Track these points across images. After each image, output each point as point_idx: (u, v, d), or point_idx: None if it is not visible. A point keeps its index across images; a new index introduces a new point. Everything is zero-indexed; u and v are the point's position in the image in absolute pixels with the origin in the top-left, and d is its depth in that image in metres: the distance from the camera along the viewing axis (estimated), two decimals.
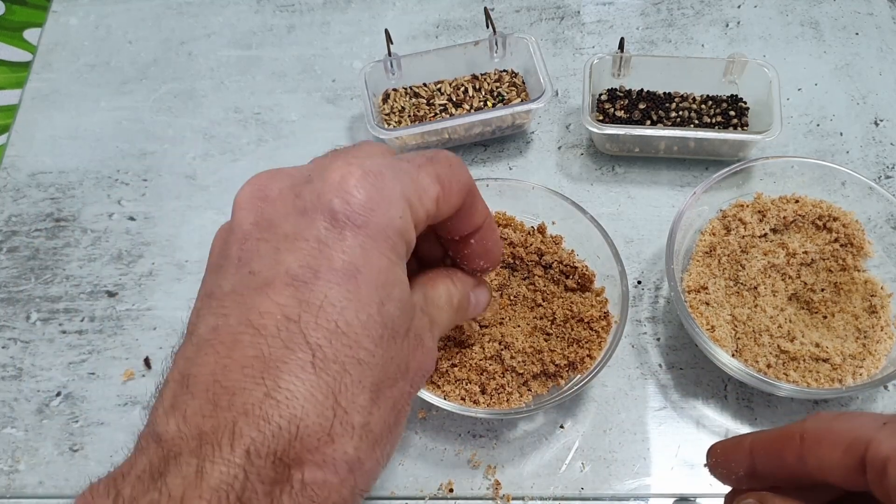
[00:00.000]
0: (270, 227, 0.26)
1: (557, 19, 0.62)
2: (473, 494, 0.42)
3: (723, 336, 0.42)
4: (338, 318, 0.24)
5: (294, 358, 0.24)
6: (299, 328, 0.24)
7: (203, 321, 0.26)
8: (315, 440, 0.23)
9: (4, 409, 0.46)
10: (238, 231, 0.27)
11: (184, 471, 0.22)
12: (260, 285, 0.25)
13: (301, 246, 0.25)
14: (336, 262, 0.25)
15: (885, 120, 0.55)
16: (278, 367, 0.23)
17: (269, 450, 0.23)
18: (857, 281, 0.44)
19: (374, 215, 0.26)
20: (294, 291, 0.25)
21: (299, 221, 0.26)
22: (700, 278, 0.44)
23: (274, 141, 0.57)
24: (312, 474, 0.23)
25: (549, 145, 0.55)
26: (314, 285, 0.25)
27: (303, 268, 0.25)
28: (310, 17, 0.63)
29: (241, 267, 0.26)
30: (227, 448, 0.22)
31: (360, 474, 0.25)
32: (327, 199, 0.26)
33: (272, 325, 0.24)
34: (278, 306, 0.24)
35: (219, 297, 0.26)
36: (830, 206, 0.46)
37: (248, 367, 0.24)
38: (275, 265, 0.25)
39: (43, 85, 0.61)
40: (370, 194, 0.26)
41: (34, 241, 0.53)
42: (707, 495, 0.41)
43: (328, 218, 0.26)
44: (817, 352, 0.41)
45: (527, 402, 0.40)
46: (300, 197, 0.27)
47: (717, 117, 0.53)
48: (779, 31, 0.60)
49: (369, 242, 0.26)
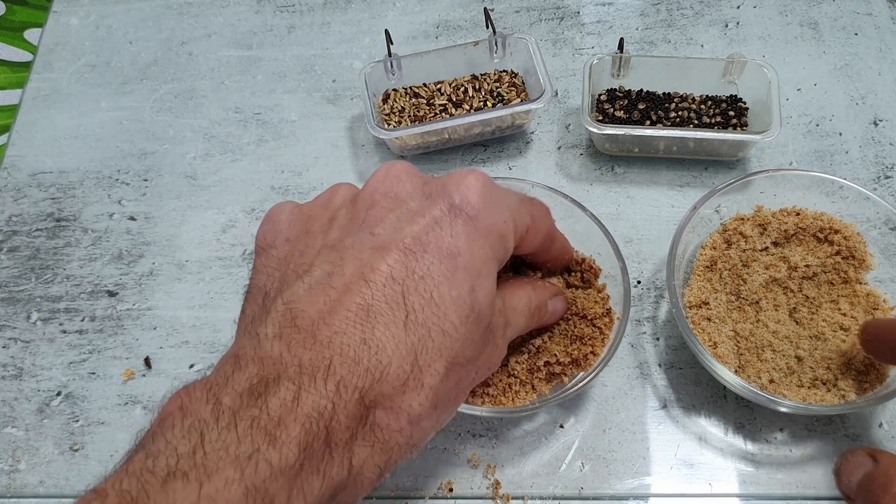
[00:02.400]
0: (398, 201, 0.30)
1: (557, 20, 0.62)
2: (473, 494, 0.42)
3: (725, 353, 0.42)
4: (434, 290, 0.28)
5: (391, 313, 0.27)
6: (402, 290, 0.28)
7: (319, 266, 0.29)
8: (391, 388, 0.26)
9: (5, 408, 0.46)
10: (368, 198, 0.31)
11: (282, 394, 0.25)
12: (378, 246, 0.29)
13: (419, 221, 0.29)
14: (444, 242, 0.29)
15: (884, 120, 0.55)
16: (376, 318, 0.27)
17: (354, 387, 0.26)
18: (859, 294, 0.44)
19: (484, 214, 0.30)
20: (404, 258, 0.28)
21: (423, 202, 0.30)
22: (701, 293, 0.44)
23: (274, 141, 0.57)
24: (380, 417, 0.26)
25: (549, 145, 0.55)
26: (422, 257, 0.28)
27: (415, 240, 0.29)
28: (310, 17, 0.64)
29: (364, 228, 0.30)
30: (321, 381, 0.25)
31: (416, 429, 0.28)
32: (450, 190, 0.30)
33: (380, 282, 0.28)
34: (389, 267, 0.28)
35: (339, 250, 0.29)
36: (832, 219, 0.45)
37: (352, 311, 0.27)
38: (394, 232, 0.29)
39: (43, 85, 0.61)
40: (485, 198, 0.30)
41: (35, 240, 0.53)
42: (707, 495, 0.41)
43: (447, 205, 0.30)
44: (820, 367, 0.41)
45: (531, 400, 0.40)
46: (427, 185, 0.31)
47: (717, 117, 0.53)
48: (778, 31, 0.60)
49: (475, 234, 0.29)
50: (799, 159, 0.54)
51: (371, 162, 0.55)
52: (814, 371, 0.42)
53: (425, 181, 0.31)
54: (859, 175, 0.52)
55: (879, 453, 0.35)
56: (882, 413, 0.43)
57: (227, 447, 0.23)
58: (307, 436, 0.24)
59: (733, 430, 0.43)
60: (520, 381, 0.40)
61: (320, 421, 0.25)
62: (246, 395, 0.25)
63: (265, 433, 0.24)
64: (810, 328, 0.43)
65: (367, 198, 0.31)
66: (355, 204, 0.31)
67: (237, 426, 0.24)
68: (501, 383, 0.40)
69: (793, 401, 0.40)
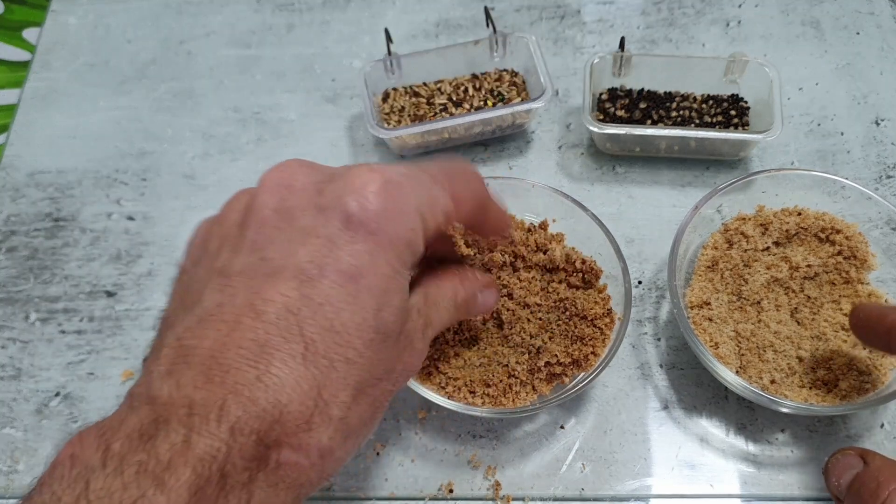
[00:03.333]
0: (289, 217, 0.28)
1: (558, 18, 0.62)
2: (473, 495, 0.42)
3: (727, 353, 0.42)
4: (334, 318, 0.26)
5: (287, 347, 0.25)
6: (297, 321, 0.25)
7: (209, 296, 0.27)
8: (294, 426, 0.25)
9: (3, 409, 0.46)
10: (258, 213, 0.28)
11: (172, 437, 0.23)
12: (269, 273, 0.26)
13: (313, 241, 0.27)
14: (342, 264, 0.26)
15: (886, 119, 0.55)
16: (272, 354, 0.25)
17: (251, 429, 0.24)
18: (860, 294, 0.44)
19: (386, 224, 0.27)
20: (299, 285, 0.26)
21: (317, 217, 0.27)
22: (703, 294, 0.44)
23: (273, 140, 0.57)
24: (287, 456, 0.25)
25: (550, 145, 0.55)
26: (318, 282, 0.26)
27: (311, 263, 0.26)
28: (309, 16, 0.63)
29: (254, 251, 0.27)
30: (214, 422, 0.24)
31: (329, 461, 0.26)
32: (346, 200, 0.27)
33: (273, 313, 0.25)
34: (282, 296, 0.26)
35: (228, 276, 0.27)
36: (833, 219, 0.45)
37: (245, 348, 0.25)
38: (286, 256, 0.27)
39: (42, 84, 0.61)
40: (386, 204, 0.27)
41: (33, 240, 0.53)
42: (709, 496, 0.41)
43: (343, 219, 0.27)
44: (822, 367, 0.41)
45: (532, 400, 0.40)
46: (322, 194, 0.28)
47: (718, 117, 0.53)
48: (780, 30, 0.60)
49: (377, 250, 0.27)
50: (800, 159, 0.53)
51: (371, 161, 0.55)
52: (815, 372, 0.41)
53: (319, 187, 0.28)
54: (861, 175, 0.52)
55: (870, 455, 0.35)
56: (884, 414, 0.43)
57: (111, 494, 0.22)
58: (198, 479, 0.23)
59: (735, 431, 0.43)
60: (520, 382, 0.40)
61: (213, 464, 0.23)
62: (136, 439, 0.23)
63: (153, 478, 0.22)
64: (812, 328, 0.43)
65: (256, 213, 0.28)
66: (245, 221, 0.29)
67: (123, 472, 0.23)
68: (502, 384, 0.40)
69: (794, 401, 0.39)
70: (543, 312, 0.42)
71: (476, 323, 0.42)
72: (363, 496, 0.42)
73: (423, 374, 0.41)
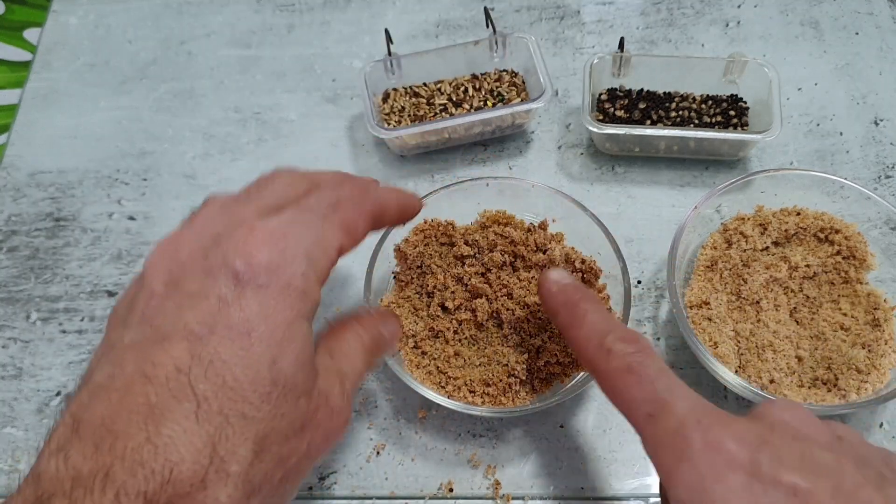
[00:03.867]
0: (177, 286, 0.27)
1: (557, 19, 0.62)
2: (473, 494, 0.42)
3: (726, 353, 0.42)
4: (226, 373, 0.25)
5: (179, 407, 0.25)
6: (188, 380, 0.25)
7: (100, 370, 0.26)
8: (188, 485, 0.24)
9: (4, 408, 0.46)
10: (147, 289, 0.28)
11: None
12: (158, 339, 0.26)
13: (202, 304, 0.26)
14: (232, 319, 0.26)
15: (885, 120, 0.55)
16: (162, 415, 0.24)
17: (138, 492, 0.23)
18: (859, 294, 0.44)
19: (275, 276, 0.27)
20: (188, 345, 0.26)
21: (204, 281, 0.27)
22: (702, 293, 0.44)
23: (273, 140, 0.57)
24: None
25: (549, 145, 0.55)
26: (208, 340, 0.26)
27: (200, 324, 0.26)
28: (309, 16, 0.63)
29: (143, 322, 0.27)
30: (98, 491, 0.23)
31: None
32: (231, 260, 0.27)
33: (163, 376, 0.25)
34: (172, 358, 0.25)
35: (119, 349, 0.27)
36: (832, 219, 0.45)
37: (136, 412, 0.24)
38: (175, 321, 0.26)
39: (43, 84, 0.61)
40: (272, 256, 0.27)
41: (34, 240, 0.53)
42: None
43: (231, 278, 0.27)
44: (821, 367, 0.41)
45: (531, 400, 0.40)
46: (207, 258, 0.28)
47: (717, 117, 0.53)
48: (779, 30, 0.60)
49: (269, 301, 0.27)
50: (800, 159, 0.53)
51: (371, 161, 0.55)
52: (814, 371, 0.41)
53: (204, 253, 0.28)
54: (860, 175, 0.52)
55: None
56: (882, 413, 0.43)
57: None
58: None
59: None
60: (520, 381, 0.40)
61: None
62: None
63: None
64: (811, 328, 0.43)
65: (145, 289, 0.28)
66: (135, 298, 0.29)
67: None
68: (501, 383, 0.40)
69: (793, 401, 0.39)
70: (543, 312, 0.42)
71: (476, 322, 0.42)
72: (363, 495, 0.42)
73: (423, 374, 0.41)
